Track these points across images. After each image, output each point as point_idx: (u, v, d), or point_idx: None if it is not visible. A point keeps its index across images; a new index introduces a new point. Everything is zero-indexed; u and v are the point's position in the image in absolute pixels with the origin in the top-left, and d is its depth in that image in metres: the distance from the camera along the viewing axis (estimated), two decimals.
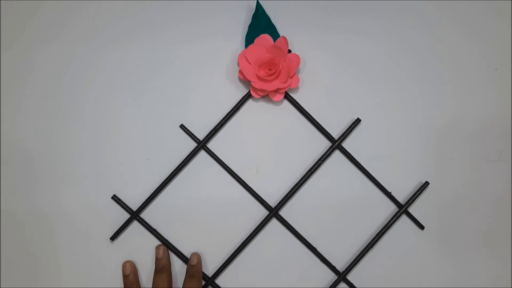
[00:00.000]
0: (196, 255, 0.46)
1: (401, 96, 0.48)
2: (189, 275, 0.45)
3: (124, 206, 0.46)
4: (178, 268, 0.47)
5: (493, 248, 0.48)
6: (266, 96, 0.46)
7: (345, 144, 0.47)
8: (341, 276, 0.47)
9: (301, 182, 0.46)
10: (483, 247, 0.48)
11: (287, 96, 0.47)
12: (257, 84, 0.44)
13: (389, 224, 0.47)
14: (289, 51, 0.46)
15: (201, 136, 0.47)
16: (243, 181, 0.47)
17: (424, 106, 0.48)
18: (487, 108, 0.48)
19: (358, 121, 0.47)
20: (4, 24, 0.46)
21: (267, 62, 0.44)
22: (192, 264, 0.45)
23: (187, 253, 0.47)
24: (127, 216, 0.46)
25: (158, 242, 0.47)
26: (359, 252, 0.47)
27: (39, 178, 0.46)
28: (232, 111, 0.46)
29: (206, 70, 0.47)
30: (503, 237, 0.48)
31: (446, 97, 0.48)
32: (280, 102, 0.47)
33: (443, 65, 0.48)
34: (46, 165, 0.46)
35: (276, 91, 0.45)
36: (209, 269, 0.47)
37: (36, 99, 0.46)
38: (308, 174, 0.46)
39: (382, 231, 0.47)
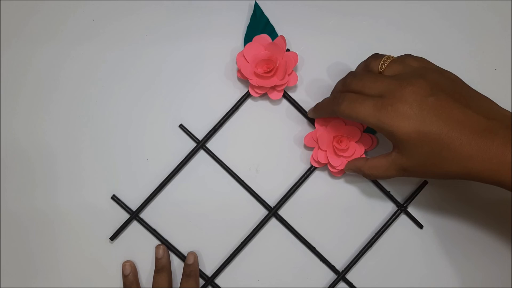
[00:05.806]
0: (193, 254, 0.46)
1: None
2: (186, 274, 0.45)
3: (124, 206, 0.46)
4: (178, 268, 0.47)
5: (493, 247, 0.48)
6: (265, 95, 0.46)
7: None
8: (341, 275, 0.47)
9: (300, 181, 0.46)
10: (482, 246, 0.48)
11: (286, 96, 0.47)
12: (255, 81, 0.44)
13: (388, 223, 0.47)
14: (288, 50, 0.46)
15: (200, 135, 0.47)
16: (242, 180, 0.47)
17: None
18: None
19: None
20: (3, 24, 0.46)
21: (265, 60, 0.44)
22: (189, 263, 0.45)
23: (186, 253, 0.47)
24: (127, 216, 0.46)
25: (158, 242, 0.47)
26: (358, 252, 0.47)
27: (38, 178, 0.46)
28: (231, 111, 0.46)
29: (206, 70, 0.47)
30: (502, 236, 0.48)
31: None
32: (279, 101, 0.47)
33: (442, 65, 0.48)
34: (46, 165, 0.46)
35: (274, 88, 0.45)
36: (209, 269, 0.47)
37: (36, 99, 0.46)
38: (307, 173, 0.47)
39: (381, 230, 0.47)
